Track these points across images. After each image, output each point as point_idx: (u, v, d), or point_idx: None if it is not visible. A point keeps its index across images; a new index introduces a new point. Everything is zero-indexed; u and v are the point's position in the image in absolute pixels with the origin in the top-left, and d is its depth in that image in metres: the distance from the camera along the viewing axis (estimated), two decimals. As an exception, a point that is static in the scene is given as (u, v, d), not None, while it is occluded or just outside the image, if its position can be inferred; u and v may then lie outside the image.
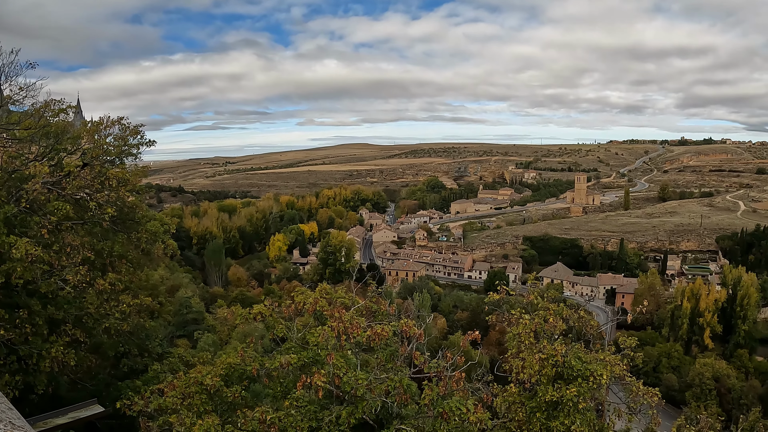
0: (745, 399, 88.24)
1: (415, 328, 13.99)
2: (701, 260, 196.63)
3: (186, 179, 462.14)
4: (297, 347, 14.46)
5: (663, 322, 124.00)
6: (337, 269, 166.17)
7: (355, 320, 13.47)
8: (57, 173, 22.43)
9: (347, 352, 13.67)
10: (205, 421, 12.46)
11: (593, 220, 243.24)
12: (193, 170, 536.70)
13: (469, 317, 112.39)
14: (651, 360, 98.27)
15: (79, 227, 23.66)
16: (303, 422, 12.39)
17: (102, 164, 24.40)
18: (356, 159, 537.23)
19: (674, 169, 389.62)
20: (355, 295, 16.52)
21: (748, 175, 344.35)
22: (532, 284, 33.76)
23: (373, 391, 12.42)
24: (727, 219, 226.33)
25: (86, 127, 26.97)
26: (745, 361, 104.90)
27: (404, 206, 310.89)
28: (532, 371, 14.05)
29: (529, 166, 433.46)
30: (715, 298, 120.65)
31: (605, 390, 15.47)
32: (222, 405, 14.69)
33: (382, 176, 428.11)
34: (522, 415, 14.38)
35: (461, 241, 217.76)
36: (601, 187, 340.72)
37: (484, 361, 27.41)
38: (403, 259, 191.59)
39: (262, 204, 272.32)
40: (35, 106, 25.25)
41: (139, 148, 27.20)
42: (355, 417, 12.27)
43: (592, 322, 17.41)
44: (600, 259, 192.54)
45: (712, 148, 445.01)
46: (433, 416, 12.45)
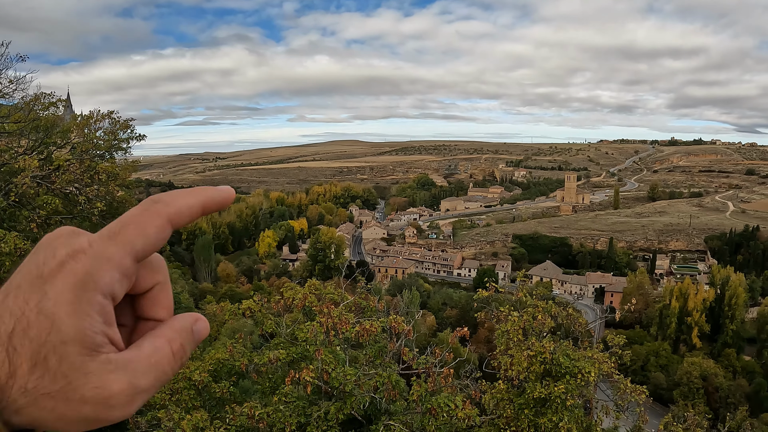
0: (732, 398, 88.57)
1: (404, 324, 14.00)
2: (690, 260, 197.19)
3: (176, 174, 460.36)
4: (286, 343, 14.45)
5: (651, 321, 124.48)
6: (326, 266, 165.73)
7: (343, 316, 13.47)
8: (46, 167, 22.33)
9: (336, 347, 13.67)
10: (194, 416, 12.43)
11: (583, 218, 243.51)
12: (183, 165, 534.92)
13: (458, 314, 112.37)
14: (639, 358, 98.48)
15: (68, 222, 23.57)
16: (292, 418, 12.37)
17: (92, 158, 24.32)
18: (347, 156, 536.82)
19: (664, 169, 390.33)
20: (344, 292, 16.51)
21: (738, 175, 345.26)
22: (520, 282, 33.94)
23: (362, 387, 12.43)
24: (716, 219, 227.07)
25: (76, 120, 26.85)
26: (733, 361, 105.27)
27: (394, 203, 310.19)
28: (521, 368, 14.06)
29: (519, 164, 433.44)
30: (703, 298, 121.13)
31: (593, 387, 15.51)
32: (210, 400, 14.67)
33: (372, 173, 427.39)
34: (510, 412, 14.39)
35: (451, 239, 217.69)
36: (591, 186, 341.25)
37: (472, 358, 27.45)
38: (392, 256, 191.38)
39: (252, 200, 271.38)
40: (25, 99, 25.15)
41: (129, 142, 27.13)
42: (343, 412, 12.27)
43: (581, 320, 17.46)
44: (589, 257, 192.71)
45: (702, 149, 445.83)
46: (421, 412, 12.46)
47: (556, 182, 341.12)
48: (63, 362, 0.85)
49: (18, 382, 0.84)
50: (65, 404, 0.86)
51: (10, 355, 0.83)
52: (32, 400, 0.84)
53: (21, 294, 0.86)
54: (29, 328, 0.84)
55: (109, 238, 0.92)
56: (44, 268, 0.88)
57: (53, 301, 0.85)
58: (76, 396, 0.86)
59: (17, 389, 0.84)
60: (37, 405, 0.85)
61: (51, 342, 0.84)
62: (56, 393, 0.85)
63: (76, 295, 0.87)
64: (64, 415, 0.87)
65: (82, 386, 0.86)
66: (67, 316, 0.86)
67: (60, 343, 0.85)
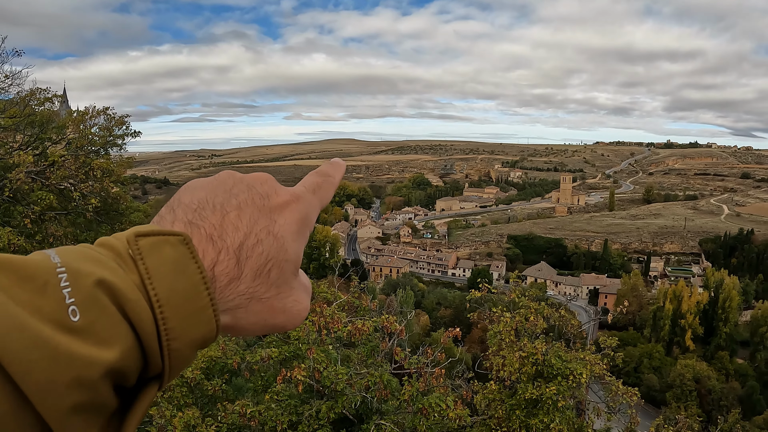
0: (725, 400, 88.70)
1: (396, 323, 14.02)
2: (684, 262, 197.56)
3: (171, 171, 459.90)
4: (278, 341, 14.46)
5: (645, 323, 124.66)
6: (321, 264, 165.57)
7: (336, 315, 13.48)
8: (41, 163, 22.31)
9: (328, 346, 13.68)
10: (186, 413, 12.42)
11: (578, 220, 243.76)
12: (178, 162, 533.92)
13: (452, 315, 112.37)
14: (632, 360, 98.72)
15: (62, 217, 23.55)
16: (283, 416, 12.38)
17: (87, 154, 24.29)
18: (342, 154, 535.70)
19: (659, 172, 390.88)
20: (337, 290, 16.51)
21: (733, 179, 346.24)
22: (513, 282, 33.99)
23: (353, 386, 12.44)
24: (711, 222, 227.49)
25: (72, 116, 26.83)
26: (726, 363, 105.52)
27: (389, 203, 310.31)
28: (512, 369, 14.08)
29: (515, 165, 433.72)
30: (697, 300, 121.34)
31: (585, 389, 15.54)
32: (203, 398, 14.66)
33: (368, 172, 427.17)
34: (502, 413, 14.40)
35: (446, 239, 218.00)
36: (587, 187, 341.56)
37: (466, 358, 27.53)
38: (387, 255, 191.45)
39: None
40: (21, 94, 25.15)
41: (125, 138, 27.12)
42: (334, 411, 12.28)
43: (573, 321, 17.49)
44: (584, 259, 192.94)
45: (697, 152, 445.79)
46: (412, 412, 12.48)
47: (551, 183, 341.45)
48: (281, 276, 1.05)
49: (241, 286, 0.99)
50: (269, 310, 1.04)
51: (241, 262, 0.99)
52: (245, 302, 1.00)
53: (246, 216, 1.04)
54: (258, 244, 1.02)
55: (313, 192, 1.19)
56: (270, 201, 1.08)
57: (282, 228, 1.07)
58: (279, 305, 1.05)
59: (237, 292, 0.99)
60: (248, 308, 1.01)
61: (277, 258, 1.04)
62: (267, 300, 1.02)
63: (299, 227, 1.10)
64: (264, 320, 1.04)
65: (286, 297, 1.06)
66: (293, 240, 1.08)
67: (284, 260, 1.05)
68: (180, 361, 0.90)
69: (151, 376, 0.89)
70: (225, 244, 0.99)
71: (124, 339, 0.81)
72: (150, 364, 0.86)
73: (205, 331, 0.92)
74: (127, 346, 0.81)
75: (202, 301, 0.91)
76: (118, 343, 0.79)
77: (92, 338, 0.76)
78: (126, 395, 0.86)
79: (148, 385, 0.89)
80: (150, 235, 0.91)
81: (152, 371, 0.88)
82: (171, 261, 0.90)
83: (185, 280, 0.90)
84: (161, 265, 0.89)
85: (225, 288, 0.98)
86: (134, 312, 0.82)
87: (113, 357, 0.78)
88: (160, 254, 0.90)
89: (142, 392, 0.88)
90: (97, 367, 0.75)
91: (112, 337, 0.79)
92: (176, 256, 0.90)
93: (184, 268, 0.90)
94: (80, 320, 0.76)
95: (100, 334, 0.78)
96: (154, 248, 0.90)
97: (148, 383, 0.89)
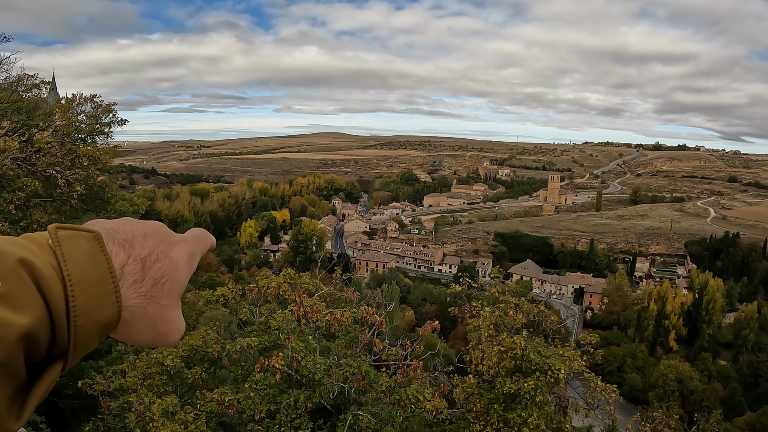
0: (707, 401, 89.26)
1: (375, 315, 14.09)
2: (669, 264, 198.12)
3: (159, 161, 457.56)
4: (259, 330, 14.51)
5: (629, 322, 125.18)
6: (307, 257, 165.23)
7: (315, 305, 13.54)
8: (27, 149, 22.24)
9: (308, 337, 13.74)
10: (164, 400, 12.49)
11: (565, 219, 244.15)
12: (167, 152, 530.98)
13: (437, 310, 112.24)
14: (616, 359, 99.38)
15: (47, 204, 23.47)
16: (262, 405, 12.45)
17: (73, 142, 24.21)
18: (331, 148, 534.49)
19: (647, 173, 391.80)
20: (319, 282, 16.56)
21: (720, 182, 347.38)
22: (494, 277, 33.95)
23: (332, 377, 12.52)
24: (697, 225, 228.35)
25: (59, 103, 26.72)
26: (709, 365, 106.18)
27: (377, 197, 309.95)
28: (491, 363, 14.19)
29: (503, 162, 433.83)
30: (681, 302, 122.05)
31: (564, 385, 15.66)
32: (182, 386, 14.72)
33: (356, 166, 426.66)
34: (480, 406, 14.51)
35: (433, 235, 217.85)
36: (575, 187, 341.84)
37: (449, 353, 27.66)
38: (374, 250, 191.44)
39: (235, 189, 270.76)
40: (8, 80, 25.04)
41: (111, 126, 27.02)
42: (312, 401, 12.36)
43: (552, 317, 17.61)
44: (570, 258, 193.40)
45: (685, 155, 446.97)
46: (389, 403, 12.56)
47: (539, 182, 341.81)
48: (172, 291, 1.24)
49: (143, 287, 1.18)
50: (160, 317, 1.23)
51: (146, 269, 1.19)
52: (146, 302, 1.19)
53: (150, 240, 1.25)
54: (158, 261, 1.22)
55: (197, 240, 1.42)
56: (169, 237, 1.31)
57: (177, 255, 1.29)
58: (168, 315, 1.23)
59: (140, 292, 1.18)
60: (145, 309, 1.19)
61: (171, 276, 1.24)
62: (162, 306, 1.22)
63: (188, 260, 1.34)
64: (154, 324, 1.21)
65: (173, 310, 1.25)
66: (184, 267, 1.31)
67: (176, 279, 1.26)
68: (84, 338, 1.03)
69: (57, 354, 1.01)
70: (134, 252, 1.18)
71: (36, 308, 0.94)
72: (57, 340, 0.98)
73: (108, 314, 1.06)
74: (39, 314, 0.94)
75: (108, 287, 1.08)
76: (32, 311, 0.93)
77: (11, 304, 0.90)
78: (33, 373, 0.98)
79: (54, 363, 1.02)
80: (68, 229, 1.10)
81: (58, 349, 1.00)
82: (85, 251, 1.07)
83: (95, 267, 1.06)
84: (76, 252, 1.05)
85: (131, 286, 1.16)
86: (48, 287, 0.96)
87: (27, 322, 0.91)
88: (76, 244, 1.07)
89: (47, 369, 1.01)
90: (14, 328, 0.89)
91: (27, 305, 0.93)
92: (89, 248, 1.08)
93: (96, 258, 1.07)
94: (1, 288, 0.90)
95: (17, 301, 0.91)
96: (71, 239, 1.07)
97: (54, 362, 1.02)
